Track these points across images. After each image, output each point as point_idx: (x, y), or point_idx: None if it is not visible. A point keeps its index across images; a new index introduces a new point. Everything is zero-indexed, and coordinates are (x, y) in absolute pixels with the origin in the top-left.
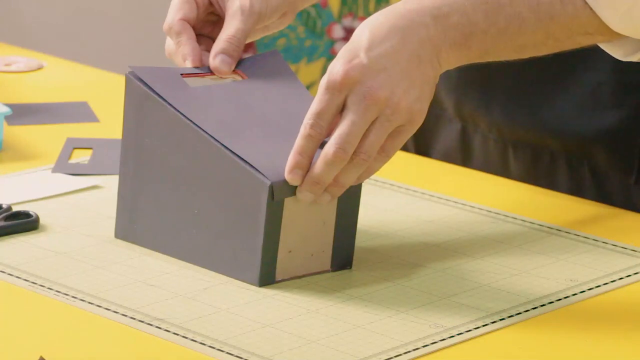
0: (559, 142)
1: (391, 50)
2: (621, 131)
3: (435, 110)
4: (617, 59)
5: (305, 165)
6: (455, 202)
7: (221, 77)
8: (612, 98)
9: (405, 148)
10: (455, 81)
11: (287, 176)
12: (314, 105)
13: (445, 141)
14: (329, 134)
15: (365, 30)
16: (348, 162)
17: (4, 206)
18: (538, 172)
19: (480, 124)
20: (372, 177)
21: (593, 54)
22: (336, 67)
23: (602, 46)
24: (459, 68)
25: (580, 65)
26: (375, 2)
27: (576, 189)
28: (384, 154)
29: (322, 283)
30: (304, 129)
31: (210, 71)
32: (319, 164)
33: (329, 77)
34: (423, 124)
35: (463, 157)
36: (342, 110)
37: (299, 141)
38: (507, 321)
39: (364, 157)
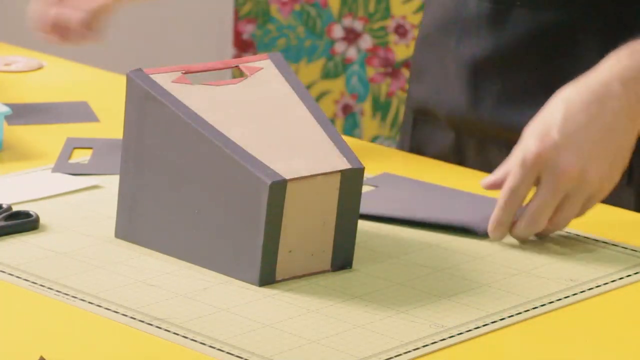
0: None
1: (584, 126)
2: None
3: (428, 120)
4: (603, 59)
5: (506, 227)
6: None
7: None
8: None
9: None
10: (447, 87)
11: (490, 233)
12: (510, 181)
13: (439, 150)
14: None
15: (560, 105)
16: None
17: (4, 206)
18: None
19: (472, 129)
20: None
21: (580, 54)
22: (530, 145)
23: None
24: (447, 76)
25: (567, 67)
26: (376, 2)
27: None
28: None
29: (322, 283)
30: (501, 201)
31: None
32: (513, 233)
33: (524, 155)
34: (417, 137)
35: (458, 163)
36: (536, 183)
37: (497, 212)
38: (507, 321)
39: (554, 228)
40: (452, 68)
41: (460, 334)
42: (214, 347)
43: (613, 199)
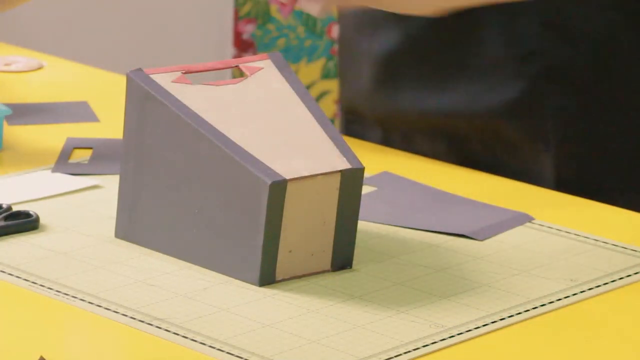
0: (468, 121)
1: None
2: (524, 101)
3: (356, 119)
4: (508, 32)
5: None
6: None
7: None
8: (510, 70)
9: None
10: (366, 85)
11: None
12: None
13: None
14: None
15: None
16: None
17: (4, 206)
18: (459, 156)
19: (396, 122)
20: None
21: (485, 30)
22: None
23: None
24: (365, 74)
25: (475, 43)
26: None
27: (494, 167)
28: None
29: (322, 283)
30: None
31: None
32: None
33: None
34: (349, 137)
35: None
36: None
37: None
38: (507, 321)
39: None
40: (368, 66)
41: (460, 334)
42: (214, 347)
43: (529, 164)
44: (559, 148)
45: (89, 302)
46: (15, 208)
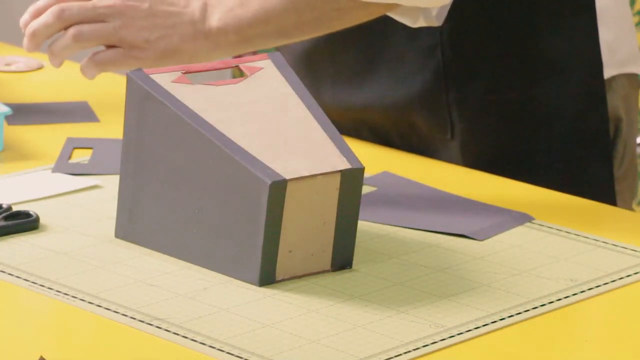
0: (383, 114)
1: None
2: (428, 92)
3: None
4: (411, 27)
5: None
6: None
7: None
8: (415, 63)
9: None
10: None
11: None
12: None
13: None
14: None
15: None
16: None
17: (4, 206)
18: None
19: None
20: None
21: (392, 24)
22: None
23: (393, 16)
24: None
25: (383, 46)
26: None
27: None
28: None
29: (322, 283)
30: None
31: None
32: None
33: None
34: None
35: None
36: None
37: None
38: (507, 321)
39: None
40: (291, 63)
41: (460, 334)
42: (214, 347)
43: (440, 153)
44: (464, 137)
45: (89, 302)
46: (15, 208)
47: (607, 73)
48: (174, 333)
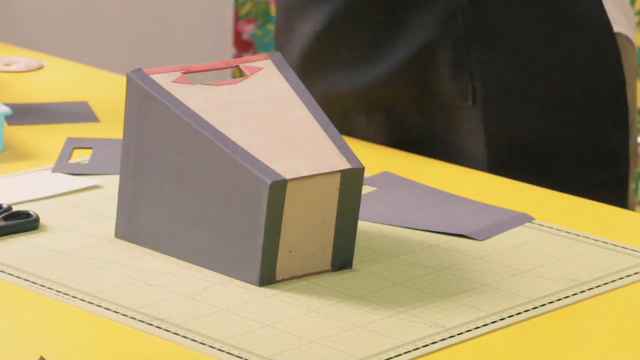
0: (404, 84)
1: None
2: (451, 58)
3: None
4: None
5: None
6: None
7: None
8: (436, 28)
9: None
10: (296, 67)
11: None
12: None
13: None
14: None
15: None
16: None
17: (4, 206)
18: (395, 129)
19: (333, 102)
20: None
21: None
22: None
23: None
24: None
25: (399, 4)
26: None
27: (428, 137)
28: None
29: (322, 283)
30: None
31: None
32: None
33: None
34: None
35: None
36: None
37: None
38: (507, 321)
39: None
40: (302, 49)
41: (460, 334)
42: (214, 347)
43: (461, 122)
44: (486, 104)
45: (89, 302)
46: (15, 208)
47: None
48: (174, 333)
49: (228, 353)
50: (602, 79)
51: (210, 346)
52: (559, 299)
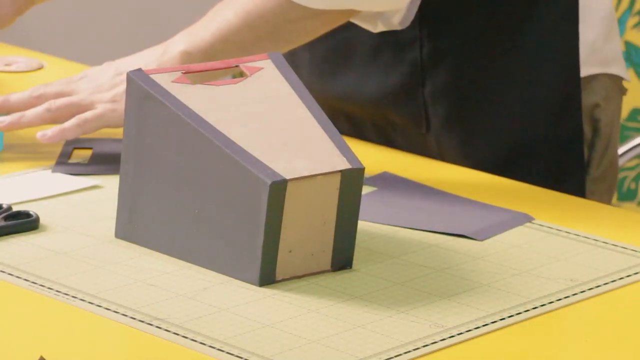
0: (360, 106)
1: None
2: (404, 87)
3: None
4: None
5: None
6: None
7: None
8: (392, 56)
9: None
10: None
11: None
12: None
13: None
14: None
15: None
16: None
17: (4, 206)
18: (359, 137)
19: None
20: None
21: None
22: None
23: (357, 22)
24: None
25: (357, 29)
26: None
27: (390, 147)
28: None
29: (322, 283)
30: None
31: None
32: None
33: None
34: None
35: None
36: None
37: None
38: (507, 321)
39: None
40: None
41: (460, 334)
42: (214, 347)
43: (418, 147)
44: (440, 130)
45: (89, 302)
46: (15, 208)
47: (587, 71)
48: (174, 333)
49: (228, 353)
50: (560, 124)
51: (210, 346)
52: (559, 299)
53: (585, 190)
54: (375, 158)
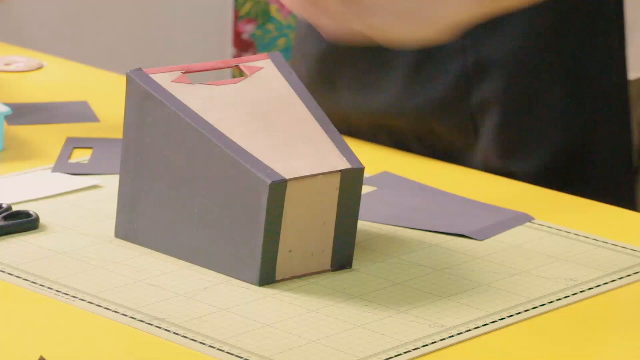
0: (403, 119)
1: None
2: (449, 98)
3: None
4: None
5: None
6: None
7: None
8: (435, 68)
9: None
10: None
11: None
12: None
13: None
14: None
15: None
16: None
17: (4, 206)
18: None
19: (338, 121)
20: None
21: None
22: None
23: None
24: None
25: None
26: None
27: (434, 159)
28: None
29: (322, 283)
30: None
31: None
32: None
33: None
34: None
35: None
36: None
37: None
38: (507, 321)
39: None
40: (306, 68)
41: (460, 334)
42: (214, 347)
43: (463, 158)
44: (488, 140)
45: (89, 302)
46: (15, 208)
47: (636, 75)
48: (174, 333)
49: (228, 353)
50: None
51: (210, 346)
52: (559, 299)
53: (636, 197)
54: (375, 158)
